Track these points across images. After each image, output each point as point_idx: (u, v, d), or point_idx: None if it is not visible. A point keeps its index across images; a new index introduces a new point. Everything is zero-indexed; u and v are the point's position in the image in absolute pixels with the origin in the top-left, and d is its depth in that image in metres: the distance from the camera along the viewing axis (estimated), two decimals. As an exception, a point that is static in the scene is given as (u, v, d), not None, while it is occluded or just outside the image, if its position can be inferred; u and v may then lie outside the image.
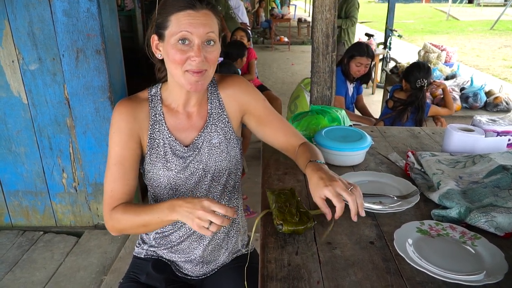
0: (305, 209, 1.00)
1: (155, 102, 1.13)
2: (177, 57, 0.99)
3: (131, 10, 5.93)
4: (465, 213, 0.99)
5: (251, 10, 12.14)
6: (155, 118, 1.12)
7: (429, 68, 2.88)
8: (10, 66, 2.29)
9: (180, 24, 0.97)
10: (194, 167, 1.14)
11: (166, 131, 1.12)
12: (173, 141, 1.12)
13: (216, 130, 1.16)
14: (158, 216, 0.98)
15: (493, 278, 0.78)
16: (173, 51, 0.99)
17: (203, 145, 1.14)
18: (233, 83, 1.19)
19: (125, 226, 1.07)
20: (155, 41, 1.04)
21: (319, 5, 1.74)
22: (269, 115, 1.20)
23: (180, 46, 0.99)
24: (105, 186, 1.09)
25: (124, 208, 1.06)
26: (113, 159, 1.08)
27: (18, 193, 2.59)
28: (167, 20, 0.99)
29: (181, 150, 1.12)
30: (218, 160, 1.16)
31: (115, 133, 1.09)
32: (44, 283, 2.19)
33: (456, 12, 20.96)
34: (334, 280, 0.81)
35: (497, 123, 1.41)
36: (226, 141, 1.17)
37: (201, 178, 1.16)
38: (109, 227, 1.10)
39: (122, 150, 1.08)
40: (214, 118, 1.16)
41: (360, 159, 1.36)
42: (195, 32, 0.97)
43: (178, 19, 0.98)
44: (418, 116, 2.82)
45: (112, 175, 1.08)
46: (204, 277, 1.29)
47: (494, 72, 8.25)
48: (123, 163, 1.08)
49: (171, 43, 0.99)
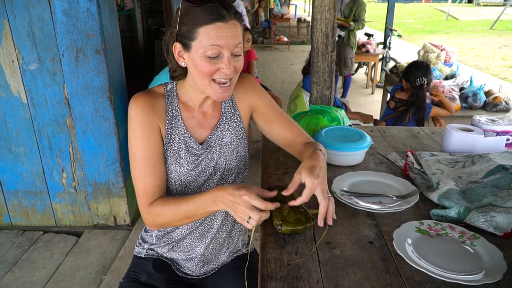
0: (304, 208, 1.00)
1: (172, 98, 1.12)
2: (206, 69, 0.99)
3: (130, 10, 5.93)
4: (464, 213, 0.99)
5: (251, 10, 12.15)
6: (172, 114, 1.11)
7: (428, 66, 2.87)
8: (10, 66, 2.29)
9: (210, 38, 0.96)
10: (205, 165, 1.15)
11: (182, 127, 1.12)
12: (188, 137, 1.12)
13: (228, 129, 1.17)
14: (203, 208, 0.99)
15: (492, 277, 0.78)
16: (203, 63, 0.98)
17: (215, 143, 1.15)
18: (243, 82, 1.19)
19: (168, 219, 1.06)
20: (177, 49, 1.03)
21: (318, 5, 1.74)
22: (276, 113, 1.21)
23: (209, 59, 0.98)
24: (136, 183, 1.06)
25: (164, 202, 1.05)
26: (139, 154, 1.05)
27: (18, 193, 2.60)
28: (195, 31, 0.97)
29: (195, 147, 1.13)
30: (228, 159, 1.17)
31: (137, 126, 1.05)
32: (44, 283, 2.19)
33: (456, 11, 20.98)
34: (334, 279, 0.81)
35: (496, 123, 1.41)
36: (237, 141, 1.18)
37: (211, 176, 1.16)
38: (149, 223, 1.08)
39: (147, 143, 1.05)
40: (227, 117, 1.17)
41: (360, 159, 1.36)
42: (225, 45, 0.97)
43: (207, 32, 0.96)
44: (419, 115, 2.82)
45: (141, 170, 1.05)
46: (205, 276, 1.29)
47: (494, 72, 8.25)
48: (150, 156, 1.05)
49: (199, 54, 0.98)
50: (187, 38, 0.99)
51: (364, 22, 5.33)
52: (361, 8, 5.25)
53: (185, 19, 0.98)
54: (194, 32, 0.97)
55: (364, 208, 1.05)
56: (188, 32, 0.98)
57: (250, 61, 3.92)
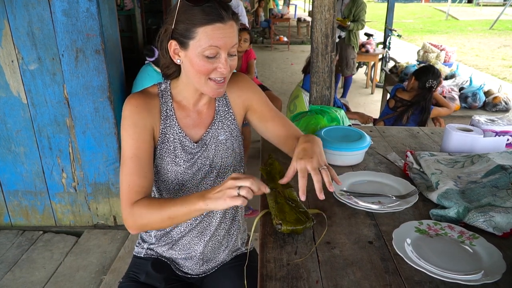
0: (304, 208, 1.00)
1: (166, 98, 1.13)
2: (203, 68, 1.00)
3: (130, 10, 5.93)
4: (463, 213, 0.99)
5: (251, 10, 12.14)
6: (166, 113, 1.12)
7: (440, 74, 2.93)
8: (10, 66, 2.29)
9: (208, 38, 0.97)
10: (201, 163, 1.15)
11: (177, 127, 1.12)
12: (183, 137, 1.13)
13: (222, 127, 1.18)
14: (186, 206, 0.95)
15: (491, 277, 0.79)
16: (200, 62, 0.99)
17: (210, 141, 1.16)
18: (237, 80, 1.21)
19: (149, 220, 1.01)
20: (173, 46, 1.03)
21: (318, 5, 1.74)
22: (270, 111, 1.22)
23: (207, 58, 0.99)
24: (122, 182, 1.05)
25: (147, 202, 1.02)
26: (129, 152, 1.05)
27: (17, 193, 2.60)
28: (193, 31, 0.97)
29: (190, 146, 1.13)
30: (224, 156, 1.18)
31: (129, 126, 1.05)
32: (44, 283, 2.19)
33: (456, 11, 20.98)
34: (333, 279, 0.81)
35: (496, 123, 1.41)
36: (232, 138, 1.19)
37: (207, 174, 1.17)
38: (129, 224, 1.04)
39: (138, 143, 1.05)
40: (221, 116, 1.18)
41: (360, 159, 1.36)
42: (223, 46, 0.98)
43: (206, 32, 0.97)
44: (423, 116, 2.84)
45: (128, 168, 1.04)
46: (204, 275, 1.29)
47: (493, 72, 8.25)
48: (139, 155, 1.05)
49: (196, 53, 0.99)
50: (184, 37, 0.99)
51: (363, 22, 5.33)
52: (360, 8, 5.25)
53: (183, 17, 0.98)
54: (192, 31, 0.97)
55: (363, 208, 1.05)
56: (186, 31, 0.98)
57: (249, 61, 3.91)
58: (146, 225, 1.04)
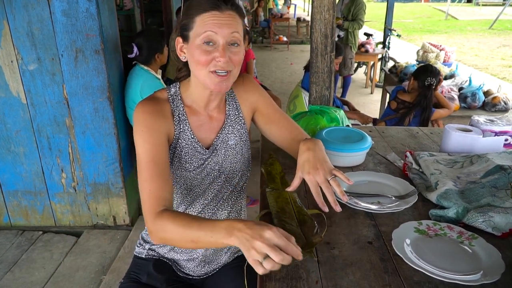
0: (305, 212, 0.99)
1: (177, 102, 1.11)
2: (202, 58, 0.98)
3: (130, 10, 5.92)
4: (462, 213, 0.99)
5: (250, 10, 12.14)
6: (179, 118, 1.10)
7: (439, 71, 2.94)
8: (9, 66, 2.29)
9: (204, 25, 0.97)
10: (211, 168, 1.14)
11: (190, 132, 1.11)
12: (195, 142, 1.11)
13: (233, 132, 1.17)
14: (212, 236, 0.83)
15: (490, 277, 0.79)
16: (198, 52, 0.99)
17: (220, 146, 1.15)
18: (244, 83, 1.20)
19: (172, 237, 0.92)
20: (179, 43, 1.04)
21: (318, 6, 1.74)
22: (276, 113, 1.22)
23: (204, 47, 0.98)
24: (141, 189, 0.99)
25: (173, 216, 0.92)
26: (145, 157, 1.00)
27: (17, 193, 2.60)
28: (192, 21, 0.99)
29: (201, 151, 1.12)
30: (233, 161, 1.17)
31: (143, 131, 1.01)
32: (43, 283, 2.19)
33: (455, 11, 20.99)
34: (333, 279, 0.81)
35: (495, 123, 1.41)
36: (241, 143, 1.18)
37: (215, 178, 1.16)
38: (151, 233, 0.96)
39: (154, 147, 1.01)
40: (232, 120, 1.17)
41: (361, 160, 1.36)
42: (220, 32, 0.97)
43: (202, 20, 0.97)
44: (425, 115, 2.84)
45: (147, 174, 0.99)
46: (205, 276, 1.29)
47: (493, 72, 8.26)
48: (157, 160, 1.00)
49: (195, 44, 0.99)
50: (186, 29, 1.01)
51: (361, 22, 5.33)
52: (359, 8, 5.25)
53: (185, 11, 1.02)
54: (191, 22, 0.99)
55: (363, 208, 1.06)
56: (186, 23, 1.01)
57: (248, 61, 3.91)
58: (168, 241, 0.96)
